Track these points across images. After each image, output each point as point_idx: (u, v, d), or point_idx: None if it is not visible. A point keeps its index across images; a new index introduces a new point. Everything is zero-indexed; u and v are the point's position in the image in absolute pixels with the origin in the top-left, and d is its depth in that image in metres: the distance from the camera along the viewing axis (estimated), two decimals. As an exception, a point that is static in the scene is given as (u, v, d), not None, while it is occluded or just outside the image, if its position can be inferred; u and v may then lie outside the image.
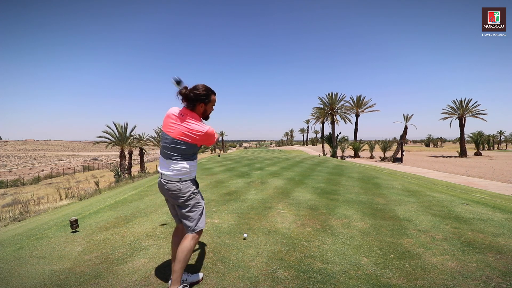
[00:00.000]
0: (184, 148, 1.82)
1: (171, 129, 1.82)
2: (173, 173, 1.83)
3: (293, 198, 4.87)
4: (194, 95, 1.84)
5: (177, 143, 1.80)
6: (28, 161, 60.95)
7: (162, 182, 1.88)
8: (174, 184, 1.83)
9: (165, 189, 1.87)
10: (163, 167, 1.87)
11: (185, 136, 1.80)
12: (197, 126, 1.81)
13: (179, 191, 1.85)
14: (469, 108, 35.71)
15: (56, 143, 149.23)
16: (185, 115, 1.83)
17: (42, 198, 10.77)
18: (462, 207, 4.33)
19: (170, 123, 1.83)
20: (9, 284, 2.07)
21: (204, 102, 1.90)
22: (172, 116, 1.84)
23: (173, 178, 1.83)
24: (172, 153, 1.82)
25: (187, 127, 1.80)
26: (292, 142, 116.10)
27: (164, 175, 1.85)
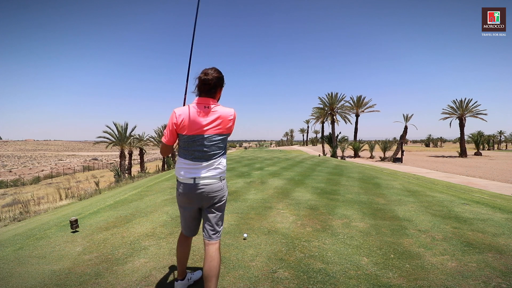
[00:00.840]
0: (223, 142, 1.71)
1: (205, 126, 1.63)
2: (216, 173, 1.69)
3: (293, 198, 4.87)
4: (217, 80, 1.69)
5: (216, 139, 1.66)
6: (28, 161, 60.96)
7: (199, 187, 1.66)
8: (218, 184, 1.70)
9: (204, 194, 1.67)
10: (198, 170, 1.67)
11: (222, 127, 1.67)
12: (227, 110, 1.70)
13: (222, 191, 1.73)
14: (469, 108, 35.71)
15: (56, 143, 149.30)
16: (209, 106, 1.66)
17: (42, 198, 10.78)
18: (462, 207, 4.33)
19: (199, 122, 1.62)
20: (9, 284, 2.07)
21: (222, 86, 1.77)
22: (196, 113, 1.63)
23: (216, 179, 1.69)
24: (213, 151, 1.67)
25: (221, 116, 1.66)
26: (292, 142, 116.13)
27: (202, 178, 1.66)
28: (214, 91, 1.70)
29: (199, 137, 1.63)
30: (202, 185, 1.66)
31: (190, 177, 1.66)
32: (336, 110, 34.55)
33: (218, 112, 1.66)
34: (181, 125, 1.63)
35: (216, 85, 1.70)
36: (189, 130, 1.63)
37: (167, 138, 1.69)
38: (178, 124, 1.63)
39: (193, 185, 1.65)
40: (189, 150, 1.66)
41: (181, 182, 1.70)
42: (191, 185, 1.66)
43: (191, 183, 1.66)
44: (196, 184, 1.65)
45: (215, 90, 1.70)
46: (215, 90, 1.70)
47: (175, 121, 1.63)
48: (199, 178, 1.65)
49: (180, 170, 1.69)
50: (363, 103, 36.86)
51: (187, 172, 1.67)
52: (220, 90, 1.76)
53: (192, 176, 1.66)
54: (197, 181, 1.65)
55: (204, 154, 1.65)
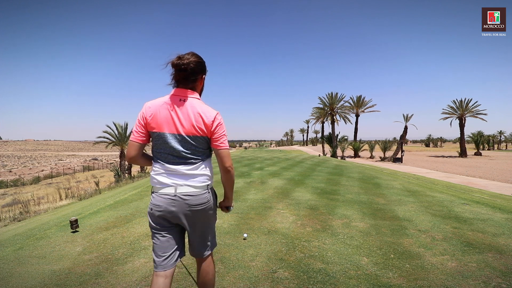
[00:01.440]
0: (203, 145, 1.38)
1: (179, 123, 1.32)
2: (200, 182, 1.37)
3: (293, 198, 4.87)
4: (196, 65, 1.36)
5: (193, 141, 1.34)
6: (28, 161, 60.97)
7: (181, 198, 1.33)
8: (203, 196, 1.38)
9: (186, 208, 1.34)
10: (178, 178, 1.34)
11: (201, 128, 1.33)
12: (208, 110, 1.37)
13: (209, 203, 1.41)
14: (469, 108, 35.72)
15: (56, 143, 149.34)
16: (185, 99, 1.35)
17: (42, 198, 10.78)
18: (462, 207, 4.33)
19: (171, 117, 1.33)
20: (9, 284, 2.08)
21: (204, 72, 1.46)
22: (169, 107, 1.33)
23: (199, 189, 1.37)
24: (193, 155, 1.36)
25: (199, 114, 1.33)
26: (292, 142, 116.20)
27: (183, 187, 1.34)
28: (193, 79, 1.38)
29: (172, 136, 1.33)
30: (184, 196, 1.33)
31: (168, 184, 1.34)
32: (336, 110, 34.55)
33: (196, 107, 1.34)
34: (150, 119, 1.34)
35: (196, 71, 1.37)
36: (159, 126, 1.33)
37: (134, 135, 1.37)
38: (146, 118, 1.34)
39: (172, 196, 1.33)
40: (162, 152, 1.36)
41: (156, 193, 1.36)
42: (171, 197, 1.33)
43: (170, 193, 1.33)
44: (176, 195, 1.33)
45: (195, 78, 1.39)
46: (194, 78, 1.38)
47: (144, 115, 1.35)
48: (180, 187, 1.34)
49: (155, 177, 1.36)
50: (363, 103, 36.86)
51: (164, 179, 1.35)
52: (201, 79, 1.45)
53: (170, 183, 1.33)
54: (179, 190, 1.33)
55: (182, 158, 1.34)
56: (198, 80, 1.43)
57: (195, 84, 1.42)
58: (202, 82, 1.48)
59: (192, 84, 1.40)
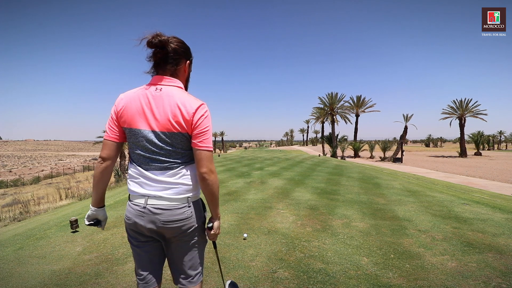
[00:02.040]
0: (182, 144, 1.11)
1: (152, 117, 1.08)
2: (177, 191, 1.11)
3: (293, 198, 4.87)
4: (177, 45, 1.14)
5: (169, 139, 1.09)
6: (28, 161, 60.97)
7: (152, 212, 1.09)
8: (180, 211, 1.11)
9: (159, 224, 1.10)
10: (151, 186, 1.11)
11: (179, 122, 1.07)
12: (190, 100, 1.10)
13: (189, 221, 1.13)
14: (469, 108, 35.72)
15: (56, 143, 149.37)
16: (162, 87, 1.11)
17: (42, 198, 10.78)
18: (462, 207, 4.33)
19: (142, 109, 1.09)
20: (9, 284, 2.08)
21: (189, 58, 1.23)
22: (141, 97, 1.10)
23: (176, 201, 1.11)
24: (169, 158, 1.11)
25: (177, 105, 1.07)
26: (292, 142, 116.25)
27: (156, 198, 1.10)
28: (173, 62, 1.14)
29: (143, 133, 1.09)
30: (156, 209, 1.09)
31: (139, 194, 1.12)
32: (336, 110, 34.55)
33: (175, 97, 1.08)
34: (121, 113, 1.12)
35: (177, 52, 1.14)
36: (130, 121, 1.11)
37: (107, 132, 1.17)
38: (117, 111, 1.13)
39: (142, 209, 1.11)
40: (135, 153, 1.14)
41: (129, 202, 1.17)
42: (140, 208, 1.11)
43: (141, 204, 1.11)
44: (145, 208, 1.10)
45: (175, 63, 1.15)
46: (174, 62, 1.15)
47: (115, 108, 1.14)
48: (152, 198, 1.10)
49: (128, 182, 1.18)
50: (363, 103, 36.86)
51: (136, 186, 1.13)
52: (185, 65, 1.20)
53: (142, 193, 1.11)
54: (149, 201, 1.10)
55: (155, 160, 1.10)
56: (181, 64, 1.18)
57: (177, 69, 1.16)
58: (186, 70, 1.22)
59: (172, 68, 1.15)
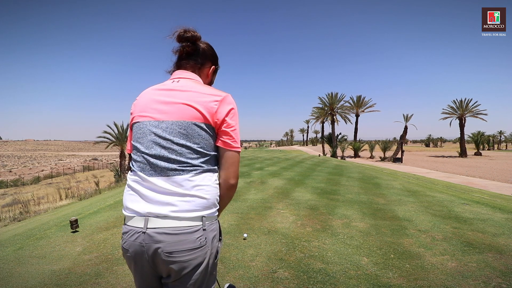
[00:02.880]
0: (204, 140, 0.86)
1: (163, 107, 0.88)
2: (188, 206, 0.81)
3: (293, 198, 4.87)
4: (207, 47, 1.06)
5: (187, 128, 0.84)
6: (28, 161, 60.97)
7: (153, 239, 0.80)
8: (192, 236, 0.81)
9: (158, 255, 0.80)
10: (152, 198, 0.83)
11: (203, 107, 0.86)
12: (214, 90, 0.93)
13: (200, 251, 0.82)
14: (469, 108, 35.73)
15: (56, 143, 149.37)
16: (182, 79, 0.96)
17: (42, 198, 10.78)
18: (462, 207, 4.33)
19: (154, 100, 0.91)
20: (9, 284, 2.07)
21: (215, 64, 1.12)
22: (156, 89, 0.94)
23: (186, 222, 0.81)
24: (180, 157, 0.84)
25: (197, 94, 0.88)
26: (292, 142, 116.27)
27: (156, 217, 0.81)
28: (198, 61, 1.03)
29: (150, 124, 0.88)
30: (159, 235, 0.79)
31: (139, 212, 0.83)
32: (336, 110, 34.56)
33: (194, 86, 0.92)
34: (133, 110, 0.97)
35: (205, 53, 1.05)
36: (138, 114, 0.93)
37: (128, 145, 1.00)
38: (131, 111, 0.98)
39: (141, 234, 0.81)
40: (137, 152, 0.89)
41: (125, 226, 0.87)
42: (139, 234, 0.81)
43: (139, 229, 0.81)
44: (145, 233, 0.80)
45: (201, 62, 1.04)
46: (200, 61, 1.04)
47: (131, 109, 0.99)
48: (154, 218, 0.81)
49: (126, 195, 0.89)
50: (363, 103, 36.88)
51: (133, 201, 0.85)
52: (209, 69, 1.08)
53: (142, 212, 0.82)
54: (150, 223, 0.80)
55: (162, 159, 0.84)
56: (206, 66, 1.07)
57: (201, 69, 1.05)
58: (209, 76, 1.10)
59: (197, 66, 1.04)
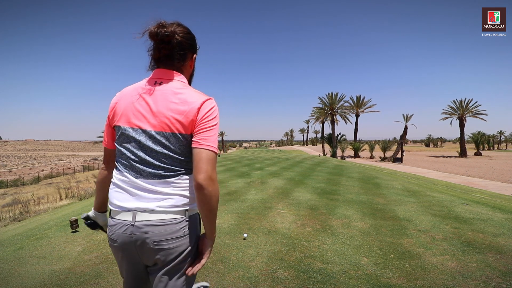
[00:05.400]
0: (183, 148, 0.93)
1: (146, 114, 0.92)
2: (173, 202, 0.92)
3: (293, 198, 4.87)
4: (184, 36, 0.97)
5: (165, 142, 0.91)
6: (28, 161, 60.98)
7: (138, 229, 0.90)
8: (176, 226, 0.91)
9: (146, 244, 0.90)
10: (140, 196, 0.92)
11: (179, 121, 0.90)
12: (194, 95, 0.93)
13: (184, 239, 0.93)
14: (469, 108, 35.74)
15: (56, 143, 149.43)
16: (163, 81, 0.96)
17: (42, 198, 10.78)
18: (462, 207, 4.33)
19: (136, 105, 0.93)
20: (9, 284, 2.07)
21: (195, 51, 1.06)
22: (137, 91, 0.95)
23: (171, 215, 0.91)
24: (164, 163, 0.92)
25: (179, 102, 0.91)
26: (292, 142, 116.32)
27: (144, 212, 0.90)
28: (179, 57, 0.98)
29: (134, 133, 0.93)
30: (147, 226, 0.89)
31: (126, 208, 0.92)
32: (336, 110, 34.57)
33: (176, 92, 0.92)
34: (113, 111, 0.98)
35: (184, 46, 0.98)
36: (120, 117, 0.96)
37: (104, 136, 1.06)
38: (110, 110, 0.99)
39: (129, 226, 0.91)
40: (123, 155, 0.95)
41: (112, 218, 0.96)
42: (127, 226, 0.91)
43: (127, 222, 0.91)
44: (134, 225, 0.90)
45: (182, 58, 0.99)
46: (181, 58, 0.99)
47: (111, 103, 1.00)
48: (142, 213, 0.90)
49: (112, 192, 0.97)
50: (363, 103, 36.89)
51: (121, 198, 0.94)
52: (190, 58, 1.04)
53: (130, 207, 0.91)
54: (139, 217, 0.90)
55: (148, 165, 0.92)
56: (187, 60, 1.02)
57: (183, 64, 1.01)
58: (192, 64, 1.07)
59: (178, 63, 0.99)
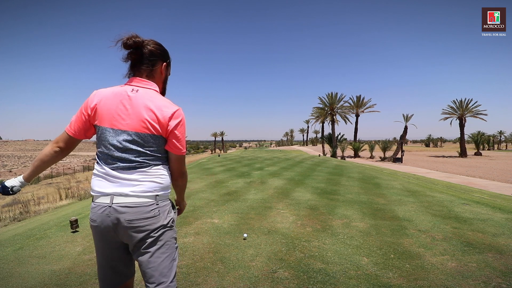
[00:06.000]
0: (157, 146, 1.14)
1: (126, 118, 1.10)
2: (144, 188, 1.10)
3: (293, 198, 4.87)
4: (154, 46, 1.18)
5: (143, 138, 1.10)
6: (28, 161, 60.98)
7: (117, 211, 1.07)
8: (147, 208, 1.09)
9: (123, 223, 1.07)
10: (119, 184, 1.09)
11: (153, 125, 1.10)
12: (165, 104, 1.13)
13: (154, 220, 1.10)
14: (469, 108, 35.73)
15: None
16: (139, 89, 1.14)
17: (42, 198, 10.78)
18: (462, 207, 4.33)
19: (117, 109, 1.11)
20: (9, 284, 2.07)
21: (166, 60, 1.26)
22: (116, 97, 1.12)
23: (143, 199, 1.09)
24: (142, 157, 1.11)
25: (151, 108, 1.10)
26: (292, 142, 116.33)
27: (123, 195, 1.08)
28: (148, 64, 1.18)
29: (114, 133, 1.11)
30: (122, 207, 1.06)
31: (105, 193, 1.09)
32: (336, 110, 34.56)
33: (151, 100, 1.12)
34: (93, 109, 1.14)
35: (154, 54, 1.18)
36: (101, 119, 1.12)
37: (71, 125, 1.17)
38: (91, 106, 1.14)
39: (107, 207, 1.07)
40: (103, 151, 1.13)
41: (93, 203, 1.14)
42: (105, 207, 1.08)
43: (105, 204, 1.08)
44: (109, 206, 1.07)
45: (151, 64, 1.18)
46: (150, 63, 1.18)
47: (88, 103, 1.15)
48: (118, 196, 1.08)
49: (94, 181, 1.15)
50: (363, 103, 36.88)
51: (101, 185, 1.11)
52: (161, 67, 1.22)
53: (108, 192, 1.09)
54: (115, 199, 1.07)
55: (124, 160, 1.10)
56: (157, 66, 1.20)
57: (153, 71, 1.19)
58: (163, 72, 1.24)
59: (148, 69, 1.18)
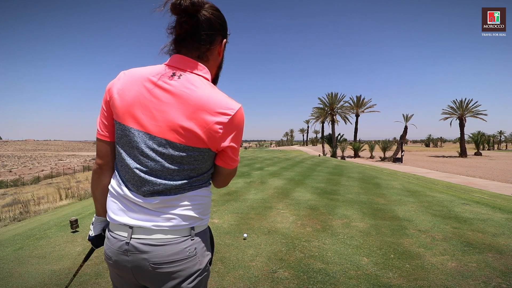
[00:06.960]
0: (199, 162, 0.76)
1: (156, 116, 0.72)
2: (176, 221, 0.76)
3: (293, 198, 4.87)
4: (214, 15, 0.77)
5: (181, 150, 0.72)
6: (28, 161, 60.99)
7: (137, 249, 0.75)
8: (179, 246, 0.75)
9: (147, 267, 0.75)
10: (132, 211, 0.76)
11: (196, 131, 0.71)
12: (220, 98, 0.73)
13: (189, 262, 0.77)
14: (469, 108, 35.75)
15: (56, 143, 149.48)
16: (182, 74, 0.75)
17: (42, 198, 10.78)
18: (462, 207, 4.33)
19: (146, 100, 0.73)
20: (9, 284, 2.07)
21: (225, 34, 0.84)
22: (148, 84, 0.74)
23: (173, 234, 0.75)
24: (165, 179, 0.75)
25: (198, 105, 0.70)
26: (292, 142, 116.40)
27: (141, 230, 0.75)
28: (206, 38, 0.77)
29: (139, 137, 0.74)
30: (144, 246, 0.74)
31: (121, 223, 0.77)
32: (336, 110, 34.59)
33: (200, 92, 0.71)
34: (113, 97, 0.76)
35: (213, 25, 0.77)
36: (123, 113, 0.75)
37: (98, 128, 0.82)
38: (110, 95, 0.77)
39: (125, 245, 0.76)
40: (123, 161, 0.77)
41: (109, 232, 0.82)
42: (122, 244, 0.76)
43: (122, 239, 0.76)
44: (129, 244, 0.75)
45: (209, 40, 0.78)
46: (208, 39, 0.78)
47: (108, 90, 0.78)
48: (139, 229, 0.75)
49: (109, 202, 0.82)
50: (363, 103, 36.90)
51: (116, 210, 0.79)
52: (220, 45, 0.82)
53: (125, 222, 0.76)
54: (135, 234, 0.75)
55: (148, 182, 0.74)
56: (215, 44, 0.80)
57: (209, 49, 0.79)
58: (221, 52, 0.84)
59: (203, 48, 0.78)
